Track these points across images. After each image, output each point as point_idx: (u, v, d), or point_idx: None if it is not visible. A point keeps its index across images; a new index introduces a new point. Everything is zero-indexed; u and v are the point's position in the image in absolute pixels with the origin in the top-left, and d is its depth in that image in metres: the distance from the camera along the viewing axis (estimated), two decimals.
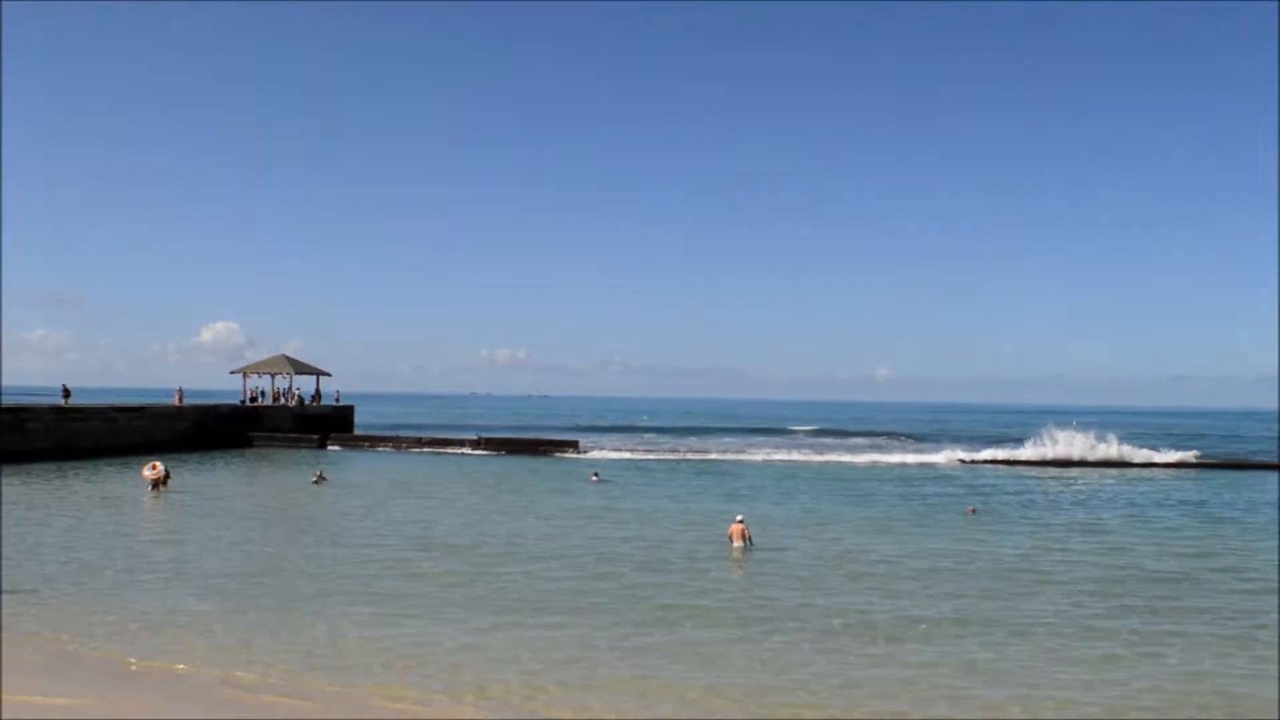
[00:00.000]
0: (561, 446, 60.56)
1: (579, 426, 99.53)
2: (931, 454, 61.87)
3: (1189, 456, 56.53)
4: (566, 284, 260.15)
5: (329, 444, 59.61)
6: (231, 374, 66.79)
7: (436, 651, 13.74)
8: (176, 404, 58.58)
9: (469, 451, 58.39)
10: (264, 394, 65.51)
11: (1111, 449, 55.77)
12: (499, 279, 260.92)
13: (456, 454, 57.45)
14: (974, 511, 31.31)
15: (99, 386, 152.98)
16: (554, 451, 59.36)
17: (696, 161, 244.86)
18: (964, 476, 46.82)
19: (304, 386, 65.97)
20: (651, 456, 58.13)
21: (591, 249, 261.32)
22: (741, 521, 23.73)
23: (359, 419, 69.34)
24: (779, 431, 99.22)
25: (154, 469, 33.69)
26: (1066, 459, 54.96)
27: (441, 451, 58.56)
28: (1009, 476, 47.47)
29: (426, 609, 16.36)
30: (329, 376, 66.94)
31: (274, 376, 65.48)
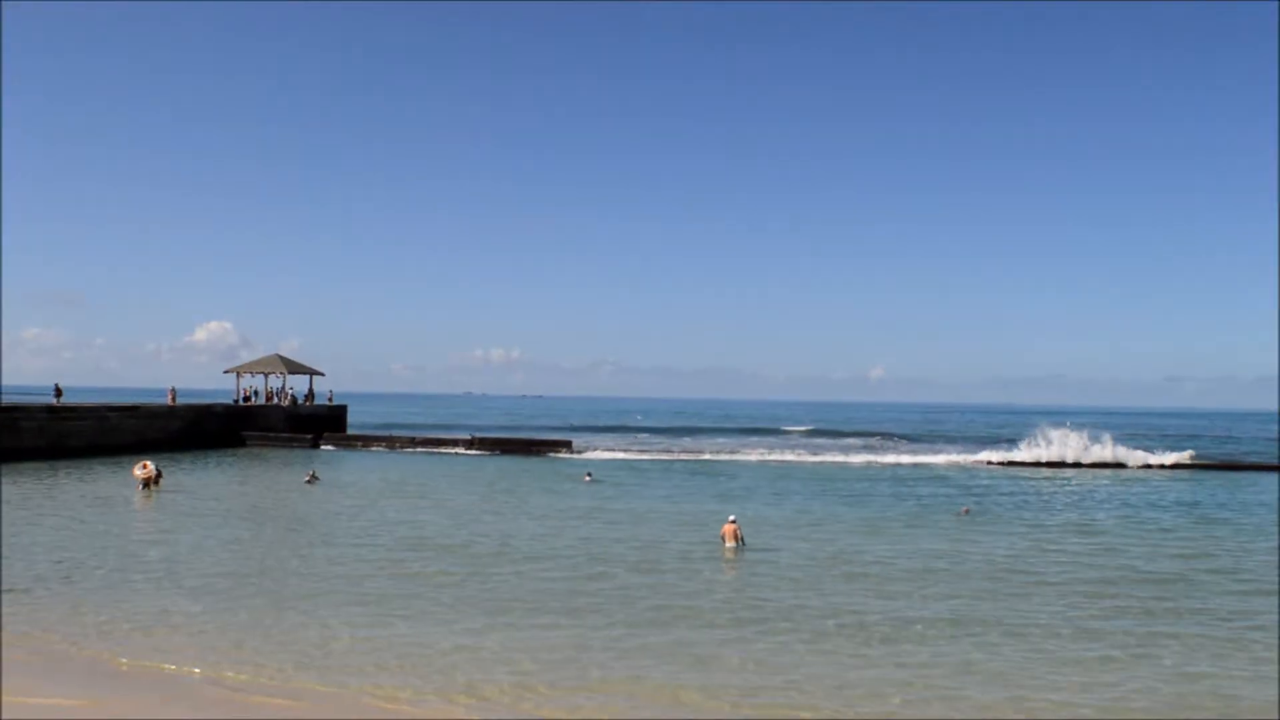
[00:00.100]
0: (555, 446, 60.53)
1: (573, 426, 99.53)
2: (926, 454, 61.96)
3: (1184, 457, 56.58)
4: (561, 284, 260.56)
5: (322, 444, 59.48)
6: (225, 373, 66.93)
7: (428, 652, 13.68)
8: (169, 403, 58.49)
9: (462, 451, 58.32)
10: (257, 393, 65.38)
11: (1106, 450, 55.73)
12: (494, 279, 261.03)
13: (450, 454, 57.36)
14: (967, 512, 31.32)
15: (92, 386, 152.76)
16: (548, 451, 59.31)
17: (692, 161, 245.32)
18: (958, 477, 46.84)
19: (297, 386, 66.02)
20: (645, 457, 58.09)
21: (586, 249, 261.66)
22: (734, 522, 23.70)
23: (352, 419, 69.20)
24: (773, 432, 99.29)
25: (145, 468, 33.57)
26: (1060, 461, 55.00)
27: (435, 451, 58.47)
28: (1003, 477, 47.53)
29: (418, 609, 16.30)
30: (322, 376, 66.90)
31: (267, 376, 65.35)
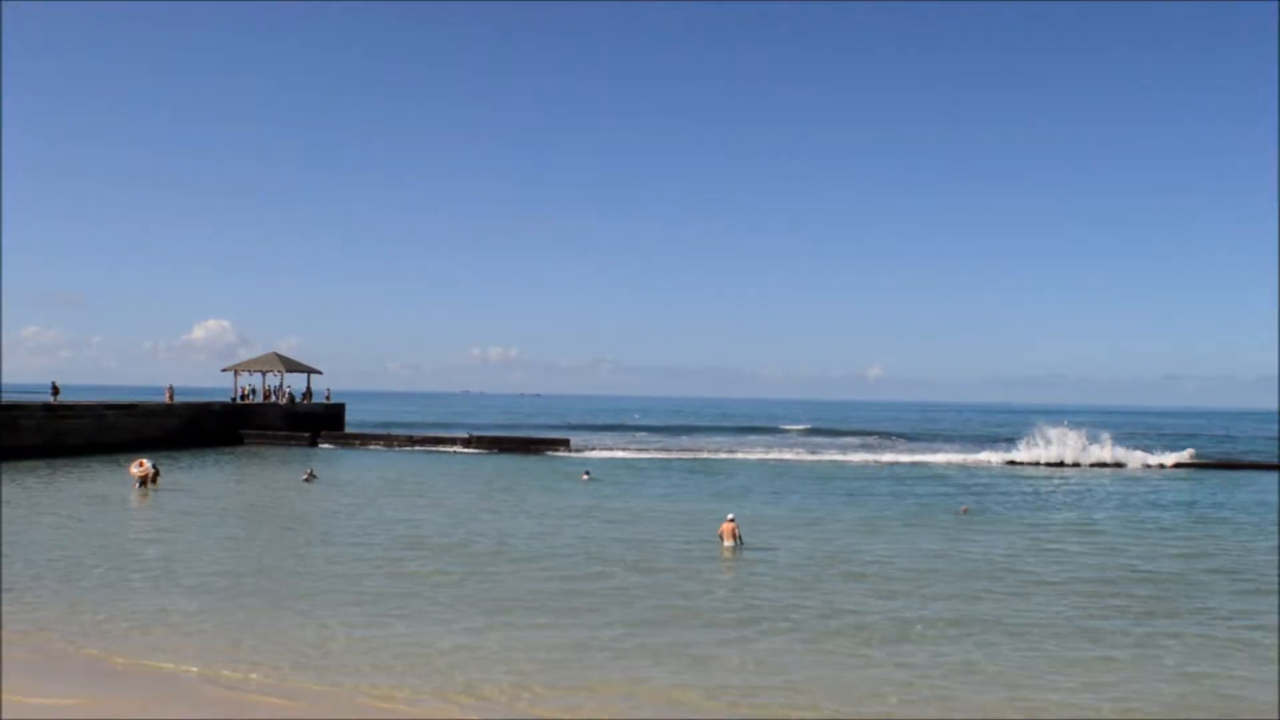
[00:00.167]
0: (553, 445, 60.50)
1: (571, 425, 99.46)
2: (924, 453, 61.94)
3: (1184, 457, 56.47)
4: (559, 283, 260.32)
5: (320, 442, 59.41)
6: (223, 372, 66.88)
7: (426, 652, 13.62)
8: (167, 401, 58.41)
9: (460, 450, 58.27)
10: (255, 392, 65.30)
11: (1105, 451, 55.57)
12: (492, 277, 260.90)
13: (448, 452, 57.32)
14: (966, 511, 31.29)
15: (90, 384, 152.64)
16: (546, 450, 59.27)
17: (691, 161, 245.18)
18: (956, 476, 46.81)
19: (295, 384, 65.95)
20: (643, 455, 58.05)
21: (585, 248, 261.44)
22: (732, 520, 23.66)
23: (350, 417, 69.17)
24: (771, 430, 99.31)
25: (141, 466, 33.51)
26: (1059, 461, 54.85)
27: (433, 450, 58.41)
28: (1001, 476, 47.51)
29: (416, 609, 16.24)
30: (320, 374, 66.87)
31: (265, 374, 65.29)
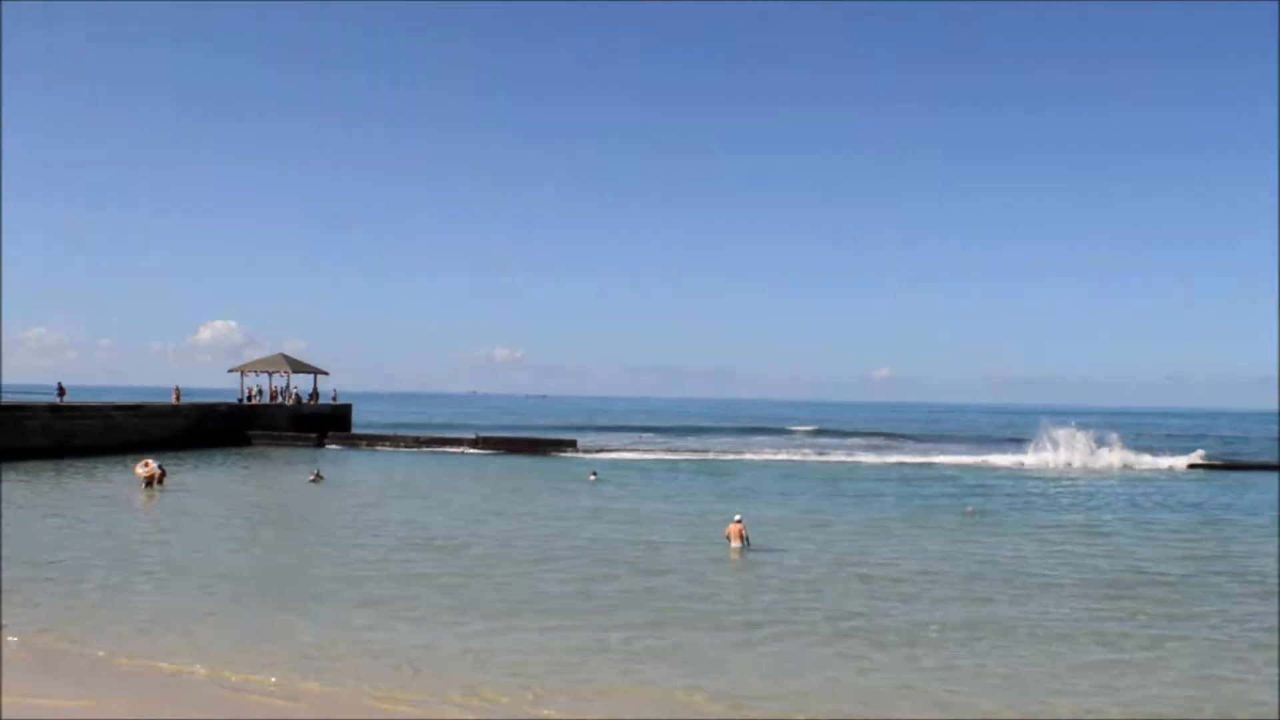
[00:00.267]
0: (560, 446, 60.47)
1: (577, 426, 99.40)
2: (930, 454, 61.77)
3: (1196, 458, 56.10)
4: (565, 283, 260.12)
5: (327, 443, 59.47)
6: (229, 373, 66.85)
7: (431, 654, 13.57)
8: (174, 402, 58.49)
9: (467, 450, 58.29)
10: (261, 392, 65.39)
11: (1114, 455, 55.24)
12: (497, 278, 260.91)
13: (454, 453, 57.35)
14: (972, 512, 31.17)
15: (97, 385, 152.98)
16: (552, 451, 59.24)
17: (696, 160, 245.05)
18: (962, 477, 46.67)
19: (302, 385, 66.01)
20: (649, 456, 58.02)
21: (590, 248, 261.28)
22: (740, 521, 23.60)
23: (357, 418, 69.23)
24: (777, 431, 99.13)
25: (146, 466, 33.55)
26: (1068, 464, 54.48)
27: (439, 451, 58.43)
28: (1007, 477, 47.35)
29: (421, 610, 16.18)
30: (326, 375, 66.92)
31: (271, 375, 65.37)
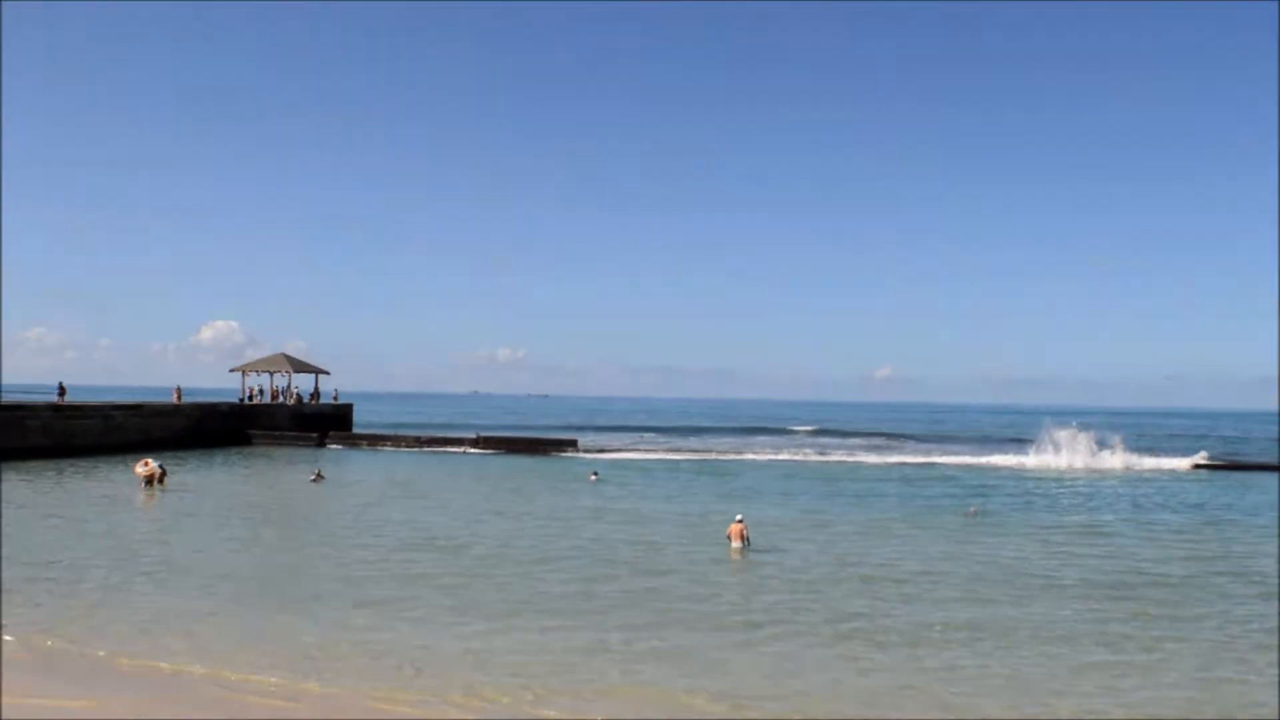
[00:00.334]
0: (560, 446, 60.44)
1: (578, 426, 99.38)
2: (932, 454, 61.73)
3: (1200, 459, 55.91)
4: (566, 283, 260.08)
5: (328, 442, 59.47)
6: (230, 372, 66.86)
7: (430, 654, 13.54)
8: (175, 402, 58.46)
9: (468, 450, 58.28)
10: (262, 392, 65.38)
11: (1117, 458, 55.12)
12: (498, 278, 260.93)
13: (455, 453, 57.34)
14: (974, 513, 31.13)
15: (97, 385, 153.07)
16: (553, 451, 59.22)
17: (698, 160, 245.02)
18: (964, 477, 46.61)
19: (303, 385, 66.00)
20: (650, 456, 57.98)
21: (592, 247, 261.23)
22: (741, 521, 23.58)
23: (358, 417, 69.22)
24: (778, 431, 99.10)
25: (146, 466, 33.55)
26: (1070, 466, 54.24)
27: (440, 450, 58.41)
28: (1009, 477, 47.27)
29: (422, 611, 16.16)
30: (328, 375, 66.93)
31: (273, 375, 65.38)
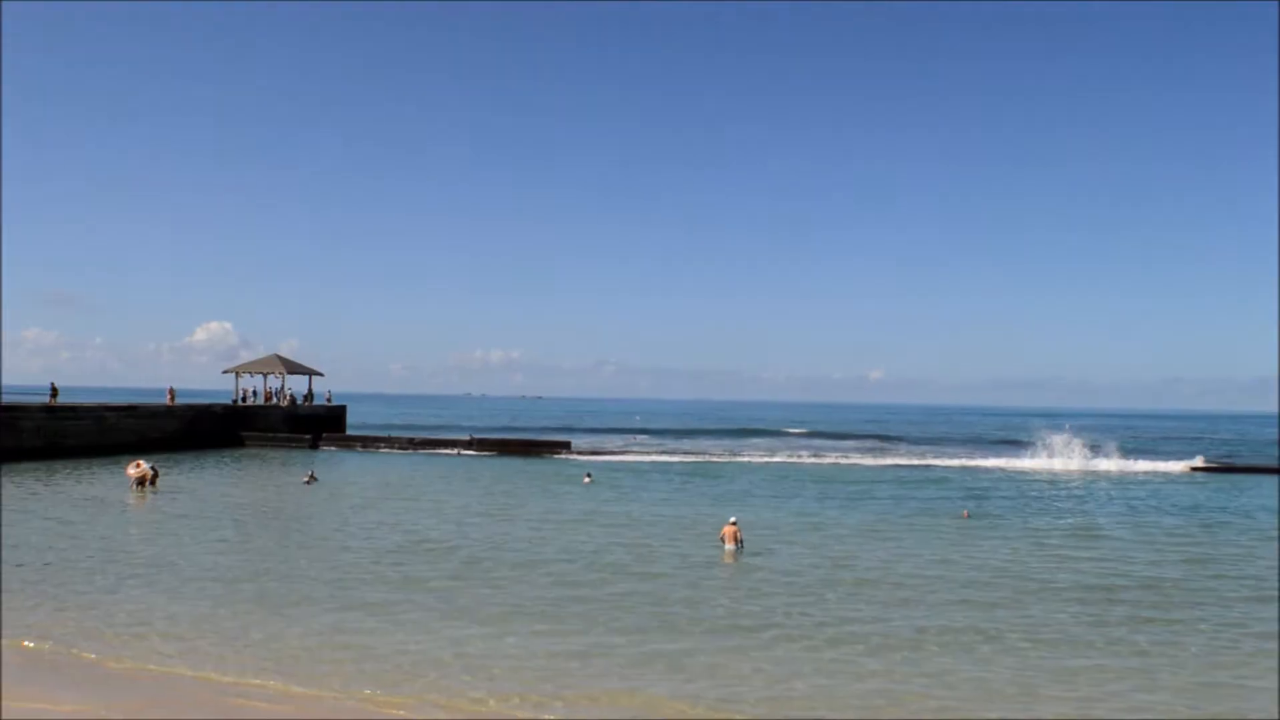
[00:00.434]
0: (554, 448, 60.39)
1: (572, 428, 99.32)
2: (926, 457, 61.81)
3: (1198, 462, 55.92)
4: (561, 285, 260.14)
5: (321, 444, 59.35)
6: (224, 373, 66.73)
7: (421, 658, 13.48)
8: (168, 403, 58.33)
9: (461, 452, 58.22)
10: (256, 393, 65.23)
11: (1112, 461, 55.19)
12: (494, 280, 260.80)
13: (449, 455, 57.26)
14: (968, 515, 31.12)
15: (91, 386, 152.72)
16: (547, 453, 59.17)
17: (692, 164, 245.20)
18: (958, 479, 46.66)
19: (296, 386, 65.87)
20: (645, 458, 57.93)
21: (586, 250, 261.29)
22: (734, 523, 23.57)
23: (352, 419, 69.06)
24: (772, 433, 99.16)
25: (138, 467, 33.45)
26: (1066, 468, 54.32)
27: (434, 452, 58.32)
28: (1003, 479, 47.32)
29: (413, 614, 16.09)
30: (321, 376, 66.79)
31: (266, 376, 65.20)
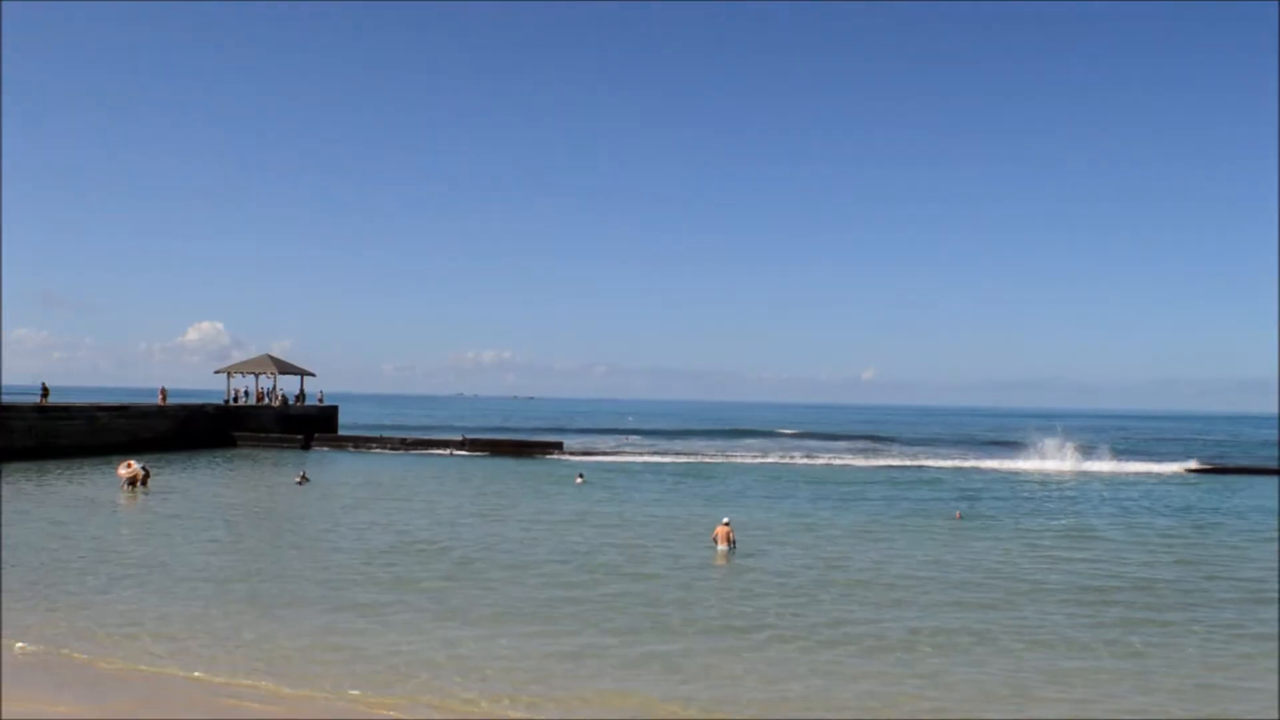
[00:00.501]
0: (546, 448, 60.33)
1: (564, 428, 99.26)
2: (918, 457, 61.90)
3: (1193, 464, 55.92)
4: (554, 285, 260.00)
5: (313, 444, 59.21)
6: (215, 374, 66.47)
7: (412, 659, 13.44)
8: (160, 403, 58.13)
9: (454, 453, 58.15)
10: (248, 394, 65.06)
11: (1106, 463, 55.32)
12: (486, 280, 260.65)
13: (441, 455, 57.18)
14: (960, 517, 31.16)
15: (83, 386, 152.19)
16: (539, 453, 59.12)
17: (684, 165, 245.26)
18: (951, 480, 46.71)
19: (288, 387, 65.73)
20: (637, 459, 57.90)
21: (579, 250, 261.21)
22: (727, 524, 23.58)
23: (344, 419, 68.95)
24: (765, 434, 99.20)
25: (129, 467, 33.34)
26: (1059, 469, 54.43)
27: (426, 453, 58.24)
28: (996, 480, 47.39)
29: (404, 615, 16.04)
30: (313, 376, 66.64)
31: (258, 376, 65.06)
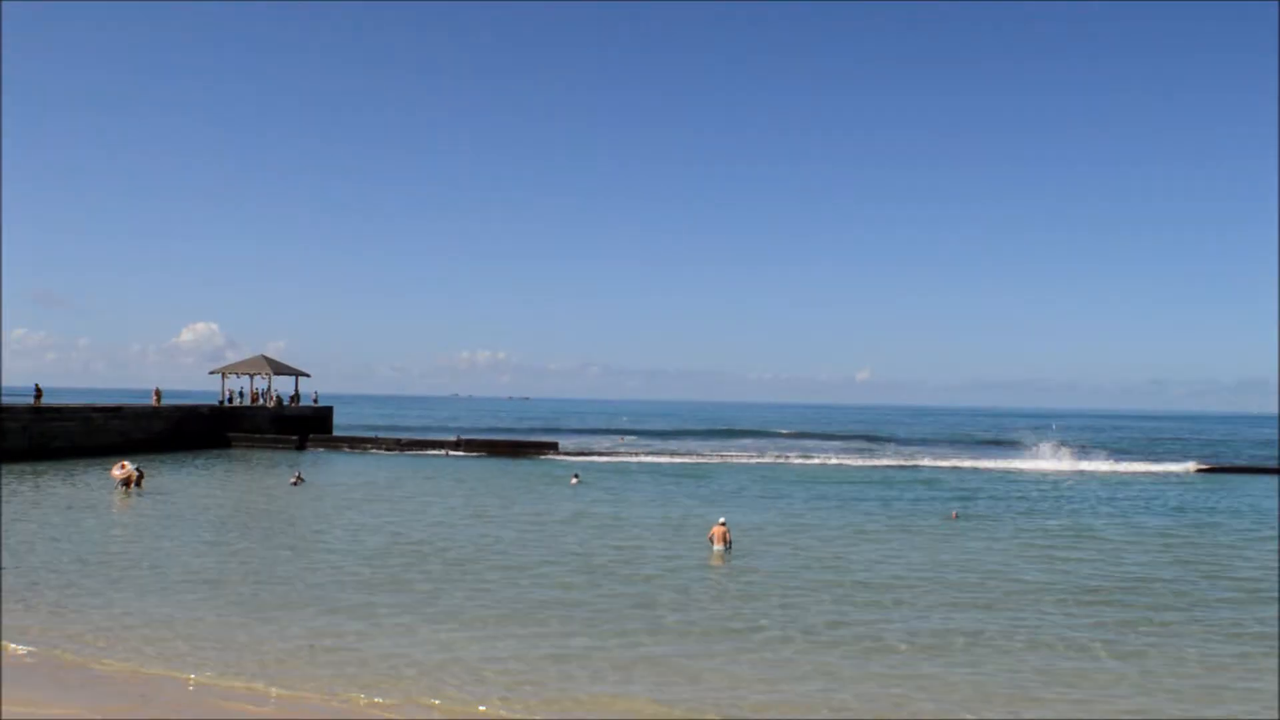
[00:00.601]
0: (541, 448, 60.29)
1: (560, 429, 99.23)
2: (913, 457, 61.94)
3: (1189, 468, 56.06)
4: (549, 286, 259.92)
5: (308, 445, 59.12)
6: (210, 374, 66.34)
7: (405, 660, 13.37)
8: (154, 404, 57.98)
9: (449, 453, 58.10)
10: (242, 394, 64.94)
11: (1102, 463, 55.47)
12: (480, 281, 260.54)
13: (436, 455, 57.12)
14: (956, 516, 31.16)
15: (77, 387, 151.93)
16: (534, 453, 59.07)
17: (680, 165, 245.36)
18: (946, 479, 46.72)
19: (283, 387, 65.64)
20: (632, 459, 57.89)
21: (574, 251, 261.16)
22: (724, 524, 23.55)
23: (339, 420, 68.87)
24: (760, 434, 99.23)
25: (123, 468, 33.24)
26: (1056, 469, 54.54)
27: (421, 453, 58.19)
28: (992, 479, 47.42)
29: (398, 616, 15.97)
30: (308, 377, 66.52)
31: (253, 377, 64.94)
